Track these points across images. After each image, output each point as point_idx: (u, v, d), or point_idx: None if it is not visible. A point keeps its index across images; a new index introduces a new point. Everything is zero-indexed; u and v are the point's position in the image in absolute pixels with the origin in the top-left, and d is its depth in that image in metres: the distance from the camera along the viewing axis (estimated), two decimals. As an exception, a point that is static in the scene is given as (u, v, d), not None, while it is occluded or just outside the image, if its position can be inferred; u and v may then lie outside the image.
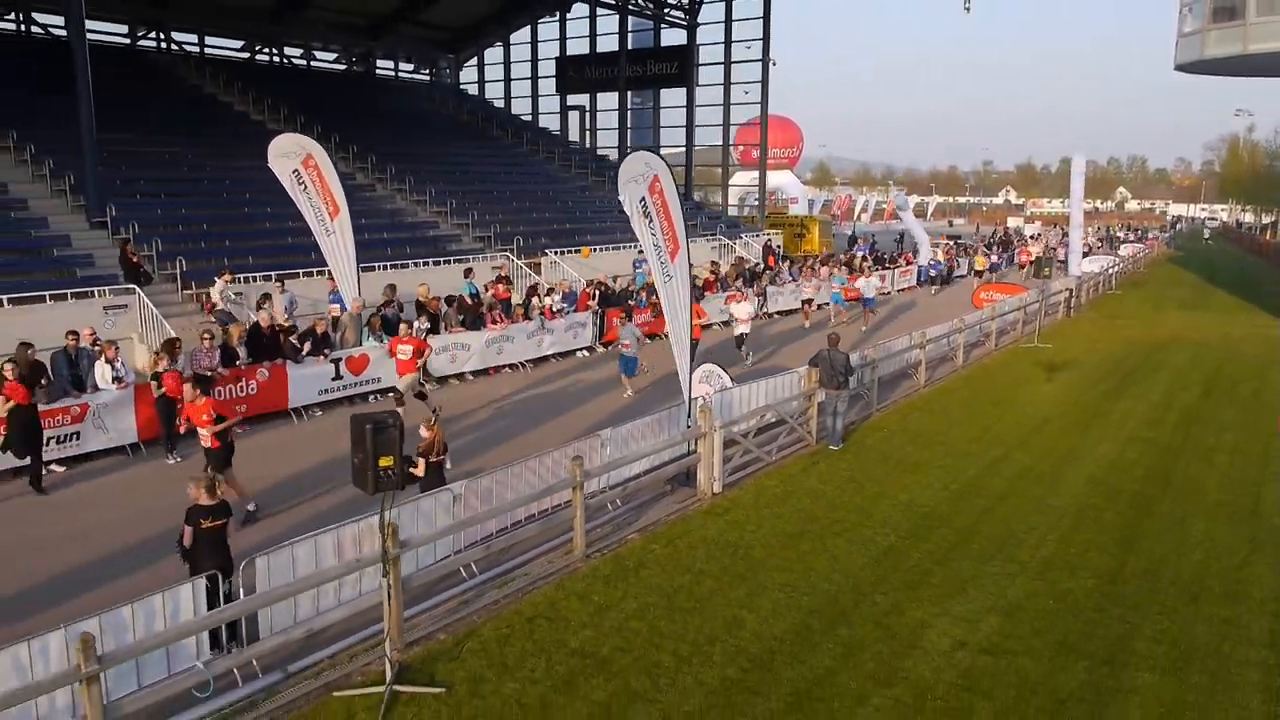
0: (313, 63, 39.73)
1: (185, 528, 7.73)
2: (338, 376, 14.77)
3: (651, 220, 10.71)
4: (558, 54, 41.88)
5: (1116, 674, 7.29)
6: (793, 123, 73.33)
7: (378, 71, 42.23)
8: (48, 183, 20.39)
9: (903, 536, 10.22)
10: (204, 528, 7.70)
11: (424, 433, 9.97)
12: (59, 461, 11.85)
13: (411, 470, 9.54)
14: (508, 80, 44.15)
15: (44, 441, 11.34)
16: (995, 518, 10.82)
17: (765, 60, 36.69)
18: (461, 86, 45.31)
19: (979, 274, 35.54)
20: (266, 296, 15.61)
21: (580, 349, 19.74)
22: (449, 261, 22.96)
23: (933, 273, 36.69)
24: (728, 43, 37.76)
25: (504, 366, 18.00)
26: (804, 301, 25.68)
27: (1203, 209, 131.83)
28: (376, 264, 20.71)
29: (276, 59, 38.18)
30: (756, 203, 48.34)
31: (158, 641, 6.42)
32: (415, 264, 21.95)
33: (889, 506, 11.17)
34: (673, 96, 42.52)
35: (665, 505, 11.30)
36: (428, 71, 44.58)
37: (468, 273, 19.99)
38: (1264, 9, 28.46)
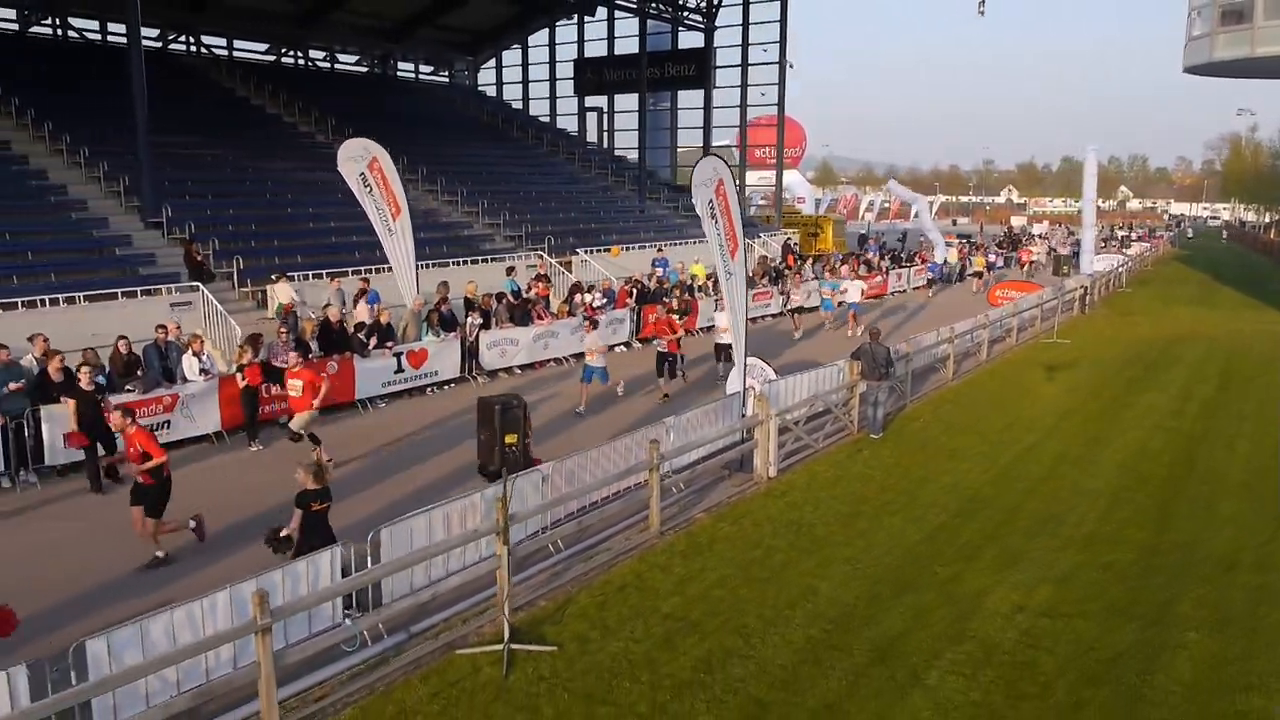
0: (335, 65, 40.46)
1: (295, 511, 8.42)
2: (399, 370, 15.52)
3: (716, 220, 11.45)
4: (575, 56, 42.60)
5: (1164, 633, 8.02)
6: (796, 122, 73.87)
7: (399, 74, 42.97)
8: (100, 183, 21.11)
9: (952, 516, 10.96)
10: (313, 510, 8.41)
11: None
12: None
13: None
14: (525, 82, 44.91)
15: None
16: (1036, 499, 11.57)
17: (782, 63, 37.45)
18: (479, 88, 46.07)
19: (978, 275, 34.77)
20: (364, 292, 16.52)
21: (618, 344, 20.49)
22: (485, 260, 23.70)
23: (929, 274, 35.28)
24: (744, 45, 38.54)
25: (549, 360, 18.74)
26: (793, 311, 24.45)
27: (1204, 208, 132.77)
28: (417, 263, 21.43)
29: (301, 61, 38.89)
30: (763, 202, 49.09)
31: (316, 599, 7.16)
32: (453, 263, 22.68)
33: (935, 489, 11.91)
34: (685, 97, 43.30)
35: (724, 489, 12.04)
36: (445, 73, 45.32)
37: (510, 271, 20.76)
38: (1271, 13, 29.22)
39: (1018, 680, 7.27)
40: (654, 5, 35.94)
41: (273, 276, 17.99)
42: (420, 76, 44.06)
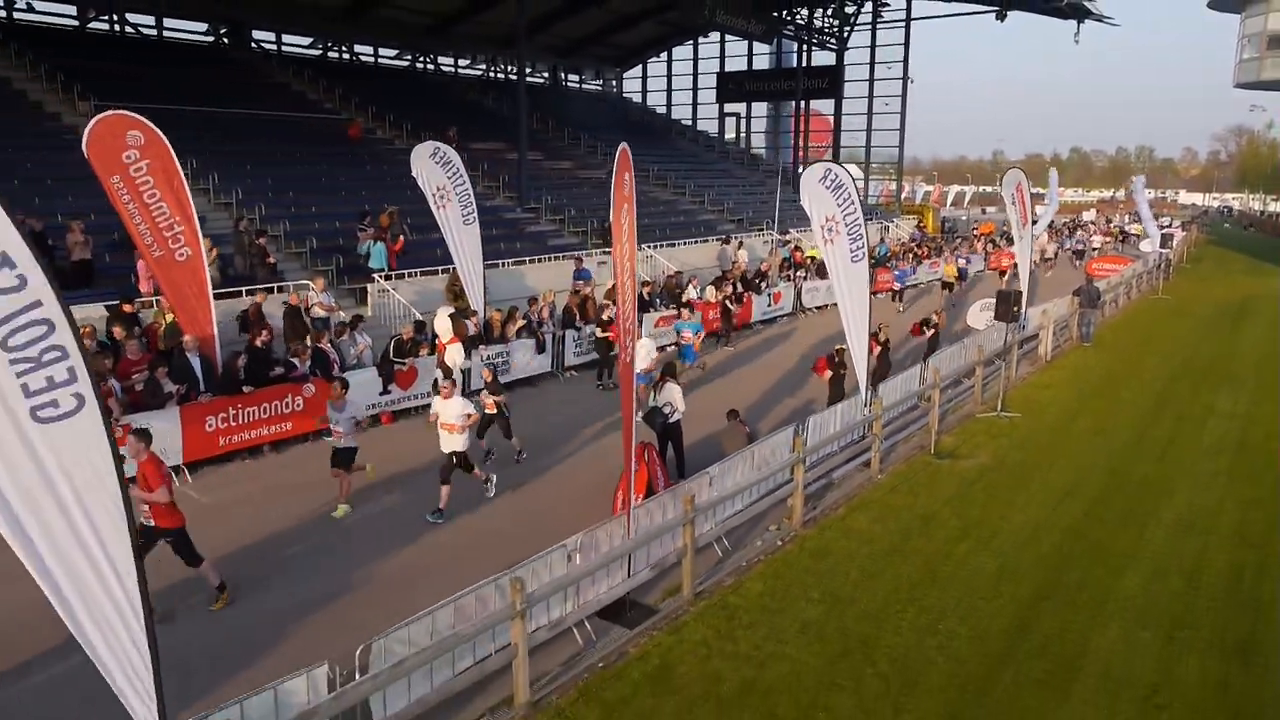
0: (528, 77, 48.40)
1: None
2: (770, 305, 23.71)
3: (1014, 206, 19.62)
4: (718, 69, 50.56)
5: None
6: (824, 117, 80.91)
7: (567, 84, 50.94)
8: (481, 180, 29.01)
9: (1172, 380, 19.08)
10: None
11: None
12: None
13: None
14: (669, 90, 52.82)
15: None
16: (1217, 371, 19.71)
17: (905, 79, 45.56)
18: (624, 95, 53.98)
19: (947, 286, 28.14)
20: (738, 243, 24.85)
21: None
22: (723, 239, 31.61)
23: (897, 285, 28.69)
24: (872, 64, 46.55)
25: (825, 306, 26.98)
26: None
27: (1214, 198, 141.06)
28: (686, 240, 29.73)
29: (502, 75, 46.84)
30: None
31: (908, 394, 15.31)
32: (696, 241, 30.53)
33: (1151, 367, 20.05)
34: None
35: (1022, 367, 20.12)
36: (598, 82, 53.21)
37: (784, 244, 28.94)
38: (1311, 42, 37.53)
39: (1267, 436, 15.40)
40: (801, 32, 43.93)
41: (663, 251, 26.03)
42: (582, 85, 51.96)
